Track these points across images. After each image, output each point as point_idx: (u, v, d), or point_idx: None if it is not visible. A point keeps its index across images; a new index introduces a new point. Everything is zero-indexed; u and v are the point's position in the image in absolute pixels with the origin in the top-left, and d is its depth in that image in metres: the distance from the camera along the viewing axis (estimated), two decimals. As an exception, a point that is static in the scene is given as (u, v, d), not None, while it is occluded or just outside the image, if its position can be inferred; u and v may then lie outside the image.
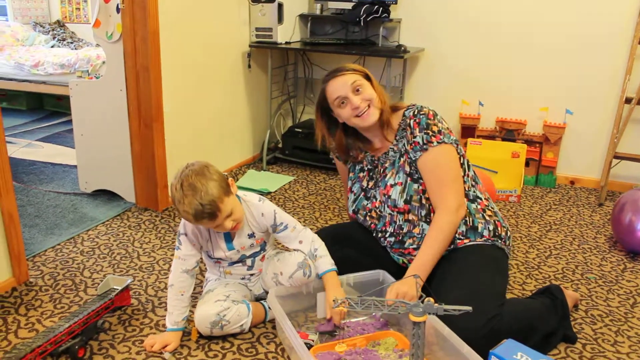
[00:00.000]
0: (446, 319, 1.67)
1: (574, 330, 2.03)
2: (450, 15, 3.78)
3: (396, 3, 3.75)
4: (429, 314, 1.51)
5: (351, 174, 2.19)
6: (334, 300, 1.64)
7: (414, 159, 1.96)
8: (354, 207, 2.15)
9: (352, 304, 1.57)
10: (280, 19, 3.64)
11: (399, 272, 2.02)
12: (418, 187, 1.97)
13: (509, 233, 2.07)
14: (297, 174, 3.77)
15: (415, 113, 1.97)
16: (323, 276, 1.97)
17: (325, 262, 1.98)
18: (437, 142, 1.92)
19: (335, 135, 2.09)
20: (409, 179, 1.98)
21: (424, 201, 1.98)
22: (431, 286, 1.89)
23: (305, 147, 3.83)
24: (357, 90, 1.94)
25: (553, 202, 3.42)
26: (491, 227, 2.00)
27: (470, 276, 1.87)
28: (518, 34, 3.63)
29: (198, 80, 3.27)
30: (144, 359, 1.84)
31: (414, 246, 2.01)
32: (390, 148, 2.04)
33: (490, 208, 2.06)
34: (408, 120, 1.98)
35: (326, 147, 2.16)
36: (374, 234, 2.12)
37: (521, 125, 3.70)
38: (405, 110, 2.01)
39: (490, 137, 3.75)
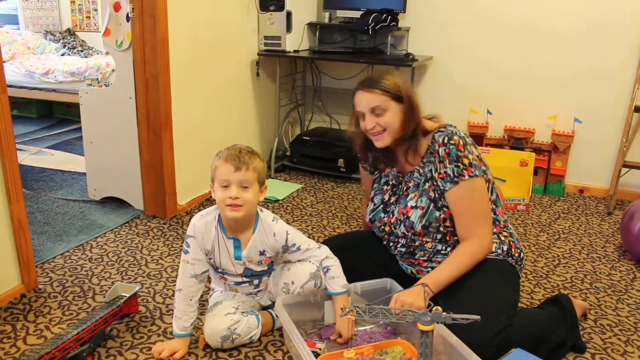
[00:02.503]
0: (457, 330, 1.67)
1: (583, 339, 2.02)
2: (458, 23, 3.78)
3: (404, 12, 3.76)
4: (437, 322, 1.51)
5: (376, 185, 2.15)
6: (342, 309, 1.64)
7: (443, 189, 1.91)
8: (371, 217, 2.13)
9: (360, 312, 1.57)
10: (288, 28, 3.66)
11: (406, 282, 2.01)
12: (440, 215, 1.93)
13: (522, 255, 2.05)
14: (305, 182, 3.78)
15: (445, 141, 1.88)
16: (333, 297, 1.96)
17: (337, 283, 1.95)
18: (469, 176, 1.87)
19: (359, 142, 2.08)
20: (432, 204, 1.94)
21: (442, 228, 1.94)
22: (441, 297, 1.89)
23: (313, 155, 3.84)
24: (377, 113, 1.90)
25: (562, 210, 3.40)
26: (505, 248, 1.98)
27: (481, 288, 1.86)
28: (526, 42, 3.63)
29: (207, 89, 3.28)
30: (152, 366, 1.85)
31: (425, 258, 2.01)
32: (416, 169, 1.99)
33: (506, 229, 2.05)
34: (437, 147, 1.90)
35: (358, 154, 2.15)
36: (385, 242, 2.12)
37: (530, 134, 3.70)
38: (435, 134, 1.93)
39: (499, 145, 3.74)
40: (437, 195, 1.93)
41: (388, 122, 1.90)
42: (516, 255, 2.01)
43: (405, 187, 2.03)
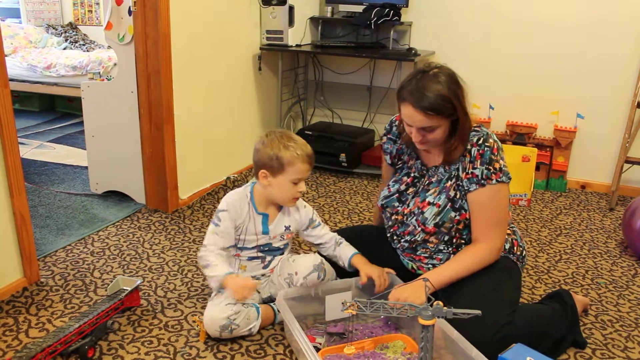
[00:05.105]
0: (459, 326, 1.67)
1: (584, 335, 2.02)
2: (461, 18, 3.77)
3: (407, 6, 3.75)
4: (438, 317, 1.51)
5: (397, 174, 2.12)
6: (342, 303, 1.65)
7: (467, 189, 1.89)
8: (383, 202, 2.10)
9: (361, 307, 1.57)
10: (291, 22, 3.65)
11: (407, 277, 2.01)
12: (455, 216, 1.90)
13: (524, 253, 2.05)
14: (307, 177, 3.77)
15: (480, 142, 1.86)
16: (352, 259, 2.05)
17: (350, 247, 2.08)
18: (497, 181, 1.85)
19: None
20: (449, 204, 1.91)
21: (453, 231, 1.93)
22: (442, 291, 1.89)
23: (315, 149, 3.80)
24: (427, 131, 1.84)
25: (563, 206, 3.40)
26: (507, 246, 1.98)
27: (482, 283, 1.86)
28: (529, 37, 3.62)
29: (209, 83, 3.28)
30: (153, 360, 1.85)
31: (426, 255, 2.01)
32: (442, 165, 1.97)
33: (510, 227, 2.04)
34: (469, 146, 1.88)
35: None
36: (389, 234, 2.12)
37: (532, 129, 3.69)
38: (470, 132, 1.89)
39: (501, 140, 3.69)
40: (456, 196, 1.91)
41: (436, 136, 1.85)
42: (518, 253, 2.01)
43: (427, 182, 2.00)
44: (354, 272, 2.05)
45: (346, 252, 2.07)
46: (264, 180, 1.97)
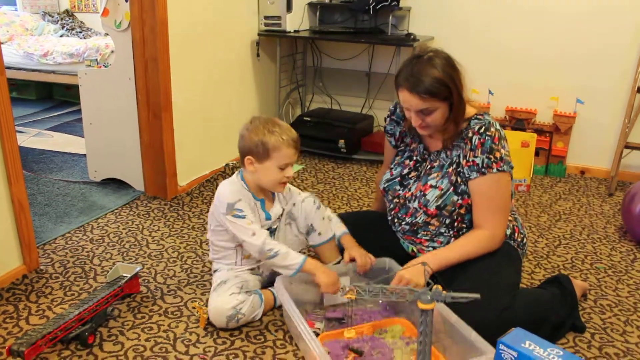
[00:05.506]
0: (459, 311, 1.67)
1: (583, 319, 2.03)
2: (460, 3, 3.75)
3: (405, -9, 3.73)
4: (437, 301, 1.51)
5: (398, 157, 2.13)
6: (341, 289, 1.65)
7: (468, 177, 1.89)
8: (385, 185, 2.11)
9: (360, 292, 1.57)
10: (289, 8, 3.63)
11: (406, 261, 2.02)
12: (457, 200, 1.91)
13: (525, 240, 2.06)
14: (306, 163, 3.77)
15: (482, 131, 1.86)
16: (341, 239, 2.10)
17: (341, 225, 2.12)
18: (497, 170, 1.85)
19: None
20: (452, 188, 1.92)
21: (455, 215, 1.94)
22: (442, 276, 1.89)
23: (313, 135, 3.82)
24: (425, 114, 1.85)
25: (563, 191, 3.40)
26: (508, 232, 1.99)
27: (483, 268, 1.87)
28: (529, 22, 3.60)
29: (207, 69, 3.26)
30: (153, 346, 1.86)
31: (427, 237, 2.02)
32: (444, 150, 1.97)
33: (511, 214, 2.05)
34: (470, 134, 1.87)
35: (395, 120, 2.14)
36: (390, 217, 2.12)
37: (531, 115, 3.68)
38: (472, 120, 1.90)
39: (500, 126, 3.72)
40: (458, 181, 1.92)
41: (435, 119, 1.86)
42: (519, 239, 2.01)
43: (429, 166, 2.01)
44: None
45: (336, 230, 2.11)
46: (250, 167, 1.93)
